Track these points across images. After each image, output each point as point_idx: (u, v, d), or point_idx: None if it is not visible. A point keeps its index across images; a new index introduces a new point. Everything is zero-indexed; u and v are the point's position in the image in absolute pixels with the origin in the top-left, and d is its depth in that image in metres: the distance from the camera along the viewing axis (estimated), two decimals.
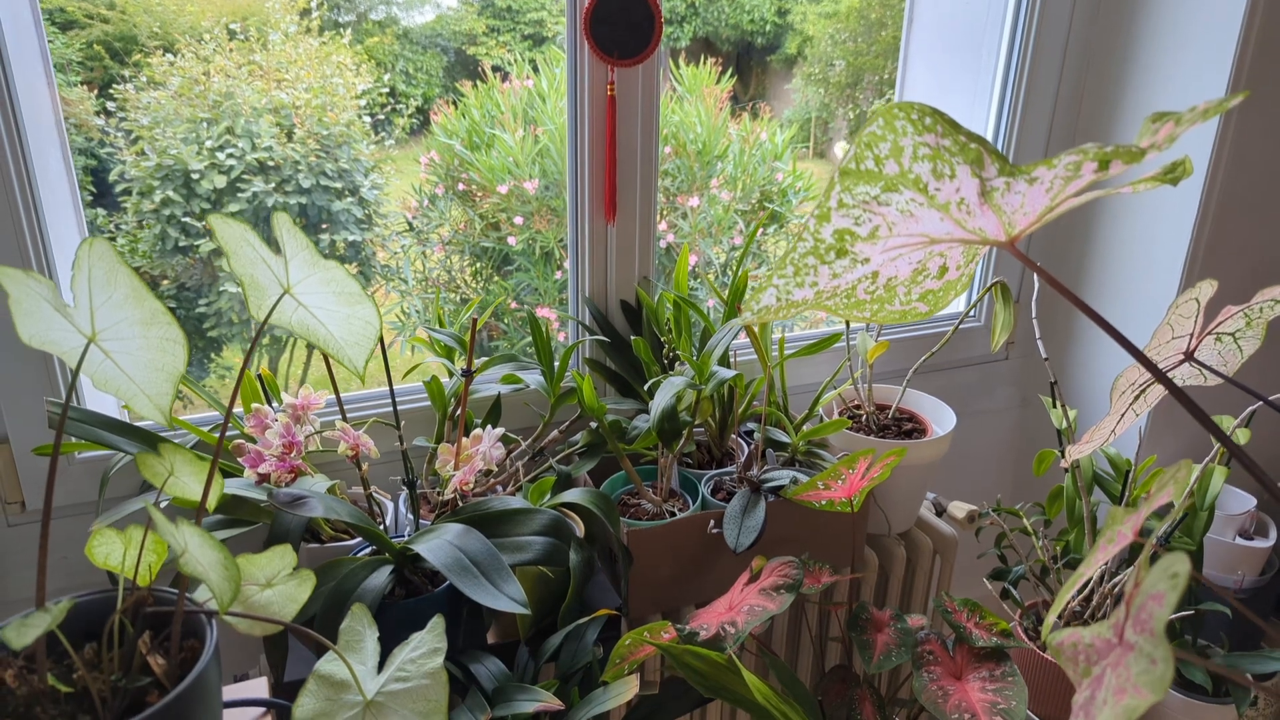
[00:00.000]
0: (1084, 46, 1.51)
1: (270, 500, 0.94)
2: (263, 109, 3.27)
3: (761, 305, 0.59)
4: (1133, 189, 0.52)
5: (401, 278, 3.60)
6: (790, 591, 0.98)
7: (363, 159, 3.41)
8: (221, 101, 3.22)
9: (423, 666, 0.69)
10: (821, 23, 5.63)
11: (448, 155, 3.40)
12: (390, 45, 4.64)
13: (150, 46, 3.66)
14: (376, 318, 0.67)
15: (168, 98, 3.19)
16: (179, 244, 3.23)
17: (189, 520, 0.53)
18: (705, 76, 3.60)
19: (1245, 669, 1.11)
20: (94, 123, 3.28)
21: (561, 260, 3.21)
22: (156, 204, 3.14)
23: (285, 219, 0.61)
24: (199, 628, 0.58)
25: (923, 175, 0.53)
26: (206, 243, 3.14)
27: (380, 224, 3.55)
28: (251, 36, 3.45)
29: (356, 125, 3.40)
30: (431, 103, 4.02)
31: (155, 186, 3.13)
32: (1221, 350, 0.75)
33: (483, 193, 3.38)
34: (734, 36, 5.82)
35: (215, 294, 3.27)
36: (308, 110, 3.32)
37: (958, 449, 1.73)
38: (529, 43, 5.17)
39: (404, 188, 3.57)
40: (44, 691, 0.52)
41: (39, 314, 0.56)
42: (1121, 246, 1.53)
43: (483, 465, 1.06)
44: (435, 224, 3.53)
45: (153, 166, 3.12)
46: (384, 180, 3.52)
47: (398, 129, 3.71)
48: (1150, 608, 0.42)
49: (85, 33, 3.65)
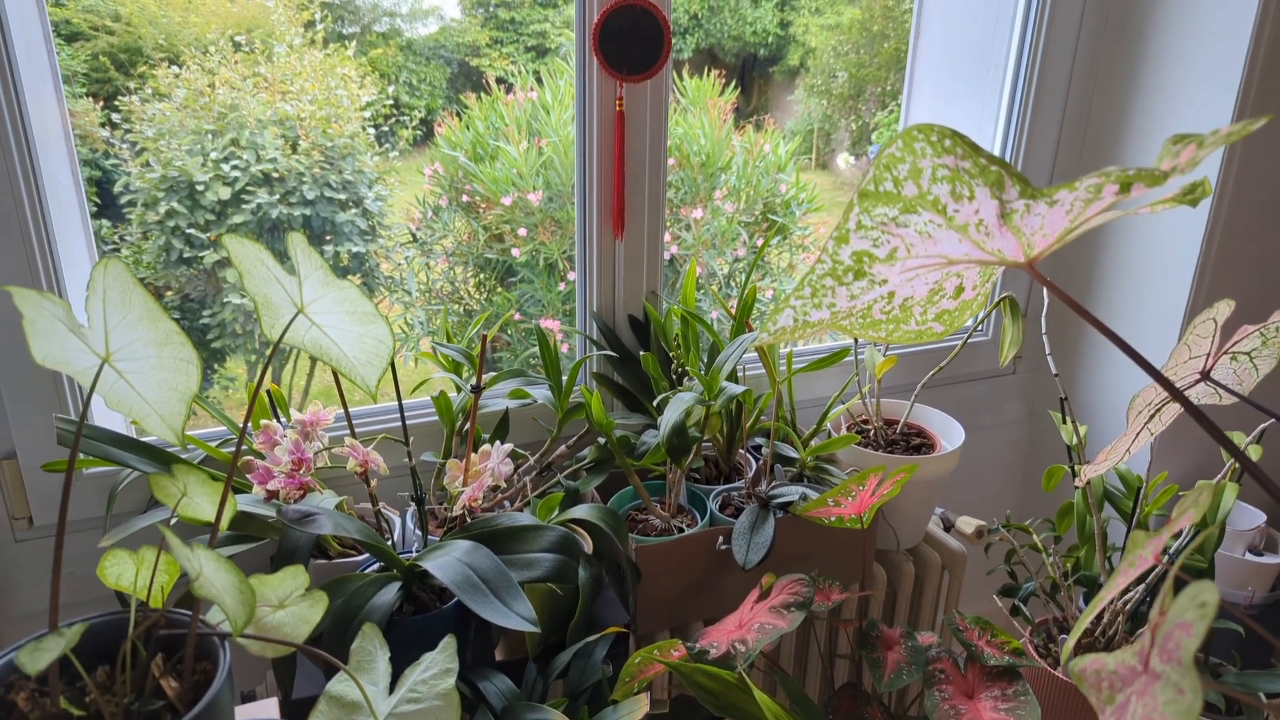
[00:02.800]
0: (1091, 62, 1.52)
1: (279, 517, 0.93)
2: (267, 121, 3.28)
3: (778, 326, 0.59)
4: (1151, 210, 0.51)
5: (405, 289, 3.60)
6: (801, 609, 0.98)
7: (367, 170, 3.41)
8: (226, 113, 3.23)
9: (435, 687, 0.69)
10: (824, 34, 5.65)
11: (451, 167, 3.40)
12: (394, 57, 4.66)
13: (155, 58, 3.67)
14: (390, 337, 0.67)
15: (173, 109, 3.20)
16: (183, 255, 3.23)
17: (203, 543, 0.52)
18: (709, 88, 3.61)
19: (1258, 688, 1.10)
20: (99, 134, 3.29)
21: (565, 272, 3.21)
22: (161, 215, 3.14)
23: (300, 239, 0.61)
24: (212, 650, 0.58)
25: (941, 197, 0.53)
26: (210, 254, 3.14)
27: (384, 235, 3.56)
28: (256, 49, 3.46)
29: (361, 137, 3.41)
30: (435, 114, 4.03)
31: (160, 198, 3.14)
32: (1237, 369, 0.75)
33: (486, 204, 3.38)
34: (736, 48, 5.83)
35: (219, 305, 3.28)
36: (312, 122, 3.32)
37: (965, 463, 1.72)
38: (532, 54, 5.19)
39: (408, 199, 3.58)
40: (57, 715, 0.52)
41: (53, 334, 0.56)
42: (1129, 263, 1.53)
43: (491, 481, 1.06)
44: (439, 235, 3.53)
45: (158, 178, 3.12)
46: (388, 192, 3.53)
47: (402, 140, 3.72)
48: (1178, 637, 0.41)
49: (90, 45, 3.66)
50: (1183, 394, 0.50)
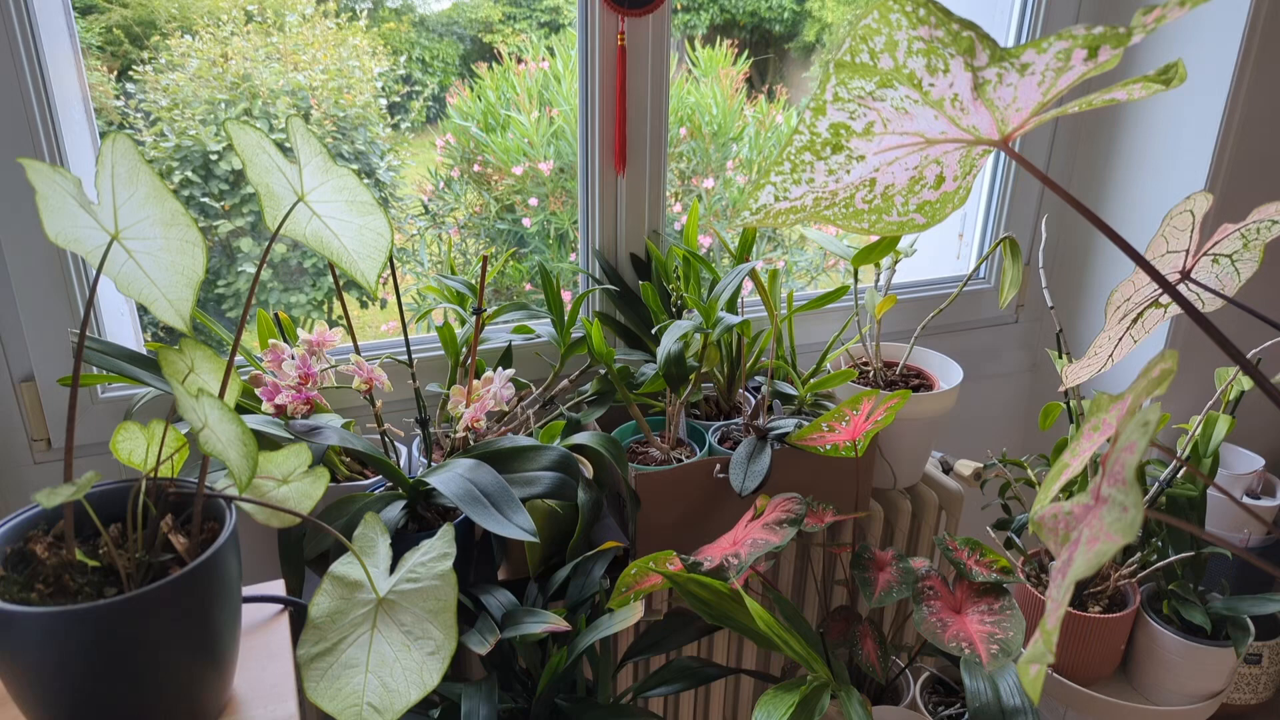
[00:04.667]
0: None
1: (287, 431, 0.96)
2: (280, 91, 3.31)
3: (760, 204, 0.60)
4: (1125, 92, 0.53)
5: (418, 260, 3.64)
6: (793, 525, 1.00)
7: (379, 141, 3.44)
8: (239, 83, 3.26)
9: (433, 569, 0.72)
10: (840, 9, 5.61)
11: (463, 138, 3.43)
12: (406, 33, 4.67)
13: (169, 29, 3.70)
14: (388, 229, 0.69)
15: (186, 80, 3.23)
16: (198, 225, 3.27)
17: (209, 394, 0.55)
18: (721, 58, 3.61)
19: (1245, 611, 1.12)
20: (114, 105, 3.32)
21: (575, 243, 3.23)
22: (175, 185, 3.18)
23: (299, 123, 0.63)
24: (219, 512, 0.61)
25: (917, 71, 0.54)
26: (225, 224, 3.18)
27: (396, 207, 3.59)
28: (269, 19, 3.48)
29: (373, 108, 3.43)
30: (447, 90, 4.05)
31: (174, 167, 3.17)
32: (1219, 273, 0.76)
33: (498, 175, 3.41)
34: (751, 24, 5.81)
35: (234, 275, 3.32)
36: (324, 92, 3.35)
37: (966, 411, 1.74)
38: (545, 30, 5.19)
39: (420, 173, 3.61)
40: (72, 563, 0.55)
41: (65, 210, 0.58)
42: (1139, 168, 1.52)
43: (493, 405, 1.08)
44: (450, 207, 3.56)
45: (171, 148, 3.16)
46: (400, 163, 3.56)
47: (413, 113, 3.74)
48: (1123, 458, 0.43)
49: (105, 17, 3.70)
50: (1172, 286, 0.51)
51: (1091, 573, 0.40)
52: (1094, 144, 1.61)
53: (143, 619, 0.53)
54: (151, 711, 0.55)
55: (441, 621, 0.68)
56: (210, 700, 0.59)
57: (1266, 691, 1.65)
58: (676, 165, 3.36)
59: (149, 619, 0.53)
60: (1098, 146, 1.60)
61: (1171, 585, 1.18)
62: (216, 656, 0.59)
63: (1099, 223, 0.51)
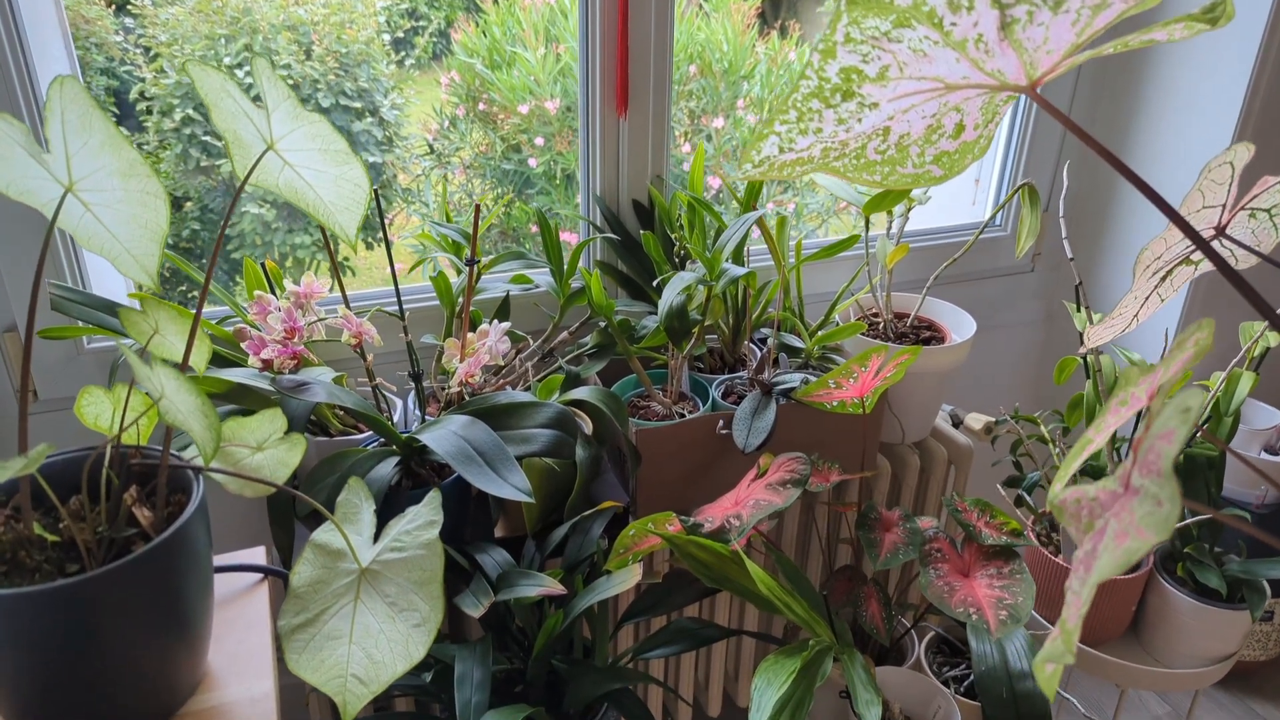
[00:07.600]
0: None
1: (274, 387, 0.93)
2: (280, 25, 3.22)
3: (763, 155, 0.56)
4: (1166, 33, 0.48)
5: (423, 201, 3.58)
6: (797, 486, 0.97)
7: (383, 79, 3.35)
8: (240, 18, 3.17)
9: (418, 538, 0.69)
10: None
11: (468, 75, 3.34)
12: None
13: None
14: (366, 179, 0.65)
15: (185, 14, 3.14)
16: (200, 164, 3.21)
17: (166, 364, 0.51)
18: None
19: (1261, 574, 1.09)
20: (113, 40, 3.24)
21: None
22: (177, 123, 3.11)
23: (264, 64, 0.59)
24: (187, 483, 0.58)
25: (938, 8, 0.49)
26: (228, 163, 3.12)
27: (400, 146, 3.51)
28: None
29: (376, 44, 3.34)
30: (453, 25, 3.94)
31: (175, 104, 3.10)
32: (1256, 229, 0.71)
33: (504, 113, 3.32)
34: None
35: (238, 216, 3.27)
36: (326, 27, 3.25)
37: (979, 362, 1.69)
38: None
39: (425, 111, 3.52)
40: (29, 538, 0.52)
41: (12, 159, 0.54)
42: (1165, 114, 1.46)
43: (489, 359, 1.05)
44: (456, 147, 3.49)
45: (172, 84, 3.09)
46: (404, 101, 3.47)
47: (418, 50, 3.64)
48: (1159, 448, 0.40)
49: None
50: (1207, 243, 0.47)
51: (1119, 572, 0.36)
52: (1117, 87, 1.53)
53: (105, 599, 0.50)
54: (121, 692, 0.53)
55: (427, 593, 0.65)
56: (182, 678, 0.57)
57: (1277, 648, 1.63)
58: (686, 104, 3.27)
59: (112, 599, 0.50)
60: (1121, 89, 1.52)
61: (1187, 548, 1.15)
62: (186, 634, 0.56)
63: (1134, 178, 0.46)
